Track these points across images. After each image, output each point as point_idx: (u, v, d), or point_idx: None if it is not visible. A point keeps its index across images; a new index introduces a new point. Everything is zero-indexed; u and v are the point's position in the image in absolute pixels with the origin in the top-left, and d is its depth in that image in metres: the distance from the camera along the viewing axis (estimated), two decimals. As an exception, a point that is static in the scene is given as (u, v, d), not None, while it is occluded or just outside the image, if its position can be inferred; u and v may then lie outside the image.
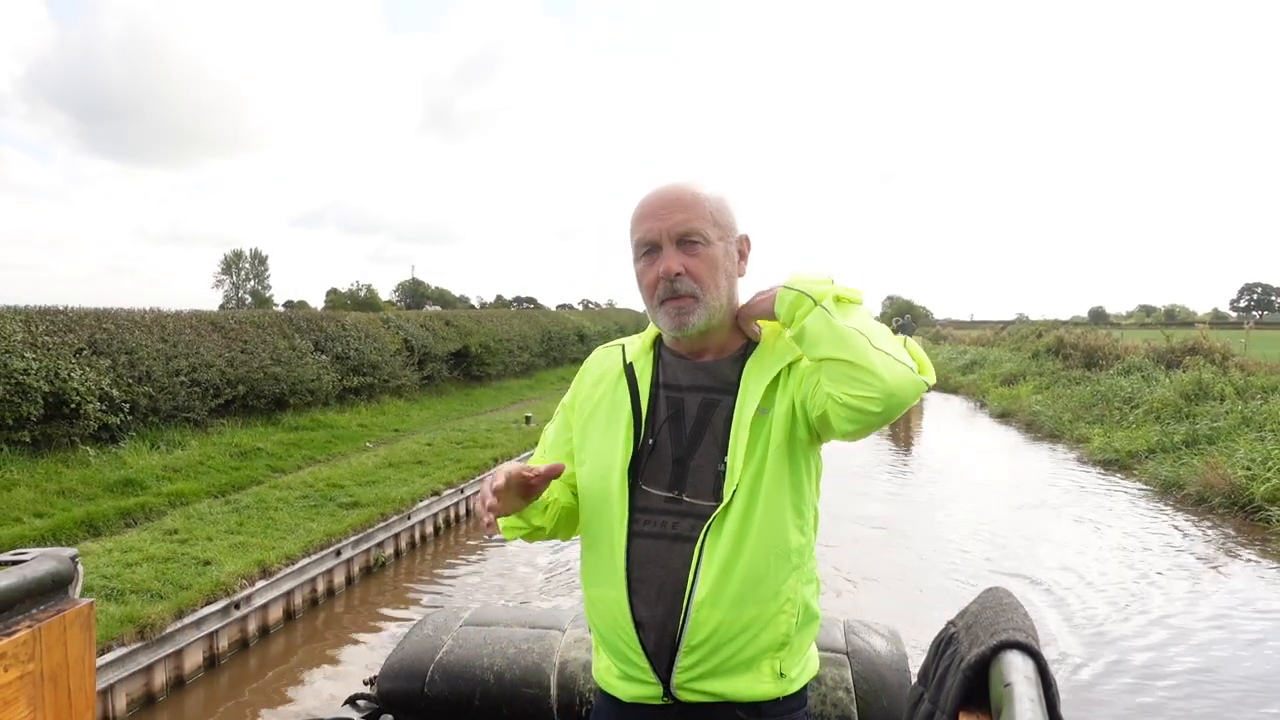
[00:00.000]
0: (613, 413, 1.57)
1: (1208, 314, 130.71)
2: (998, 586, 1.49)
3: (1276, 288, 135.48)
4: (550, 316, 30.35)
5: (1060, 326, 31.97)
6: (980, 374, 27.07)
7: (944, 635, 1.47)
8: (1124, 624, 6.60)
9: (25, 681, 1.47)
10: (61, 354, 9.61)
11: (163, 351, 11.17)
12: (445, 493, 9.44)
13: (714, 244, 1.50)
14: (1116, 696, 5.39)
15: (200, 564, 6.23)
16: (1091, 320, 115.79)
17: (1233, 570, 8.04)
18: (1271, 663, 5.89)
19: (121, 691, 4.87)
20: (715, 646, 1.44)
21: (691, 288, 1.48)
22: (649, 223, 1.51)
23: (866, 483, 12.18)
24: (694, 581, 1.44)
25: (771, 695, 1.47)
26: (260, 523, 7.52)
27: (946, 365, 31.30)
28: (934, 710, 1.34)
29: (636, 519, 1.50)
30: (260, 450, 10.98)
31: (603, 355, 1.68)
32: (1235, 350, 18.64)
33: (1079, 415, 17.01)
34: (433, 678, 2.06)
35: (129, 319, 11.33)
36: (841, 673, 1.97)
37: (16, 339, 9.29)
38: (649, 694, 1.48)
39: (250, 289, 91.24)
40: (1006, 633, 1.22)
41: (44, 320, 10.04)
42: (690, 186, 1.52)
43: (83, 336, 10.24)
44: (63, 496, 8.15)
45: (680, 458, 1.51)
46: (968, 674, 1.23)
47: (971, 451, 16.01)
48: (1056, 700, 1.12)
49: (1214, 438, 12.52)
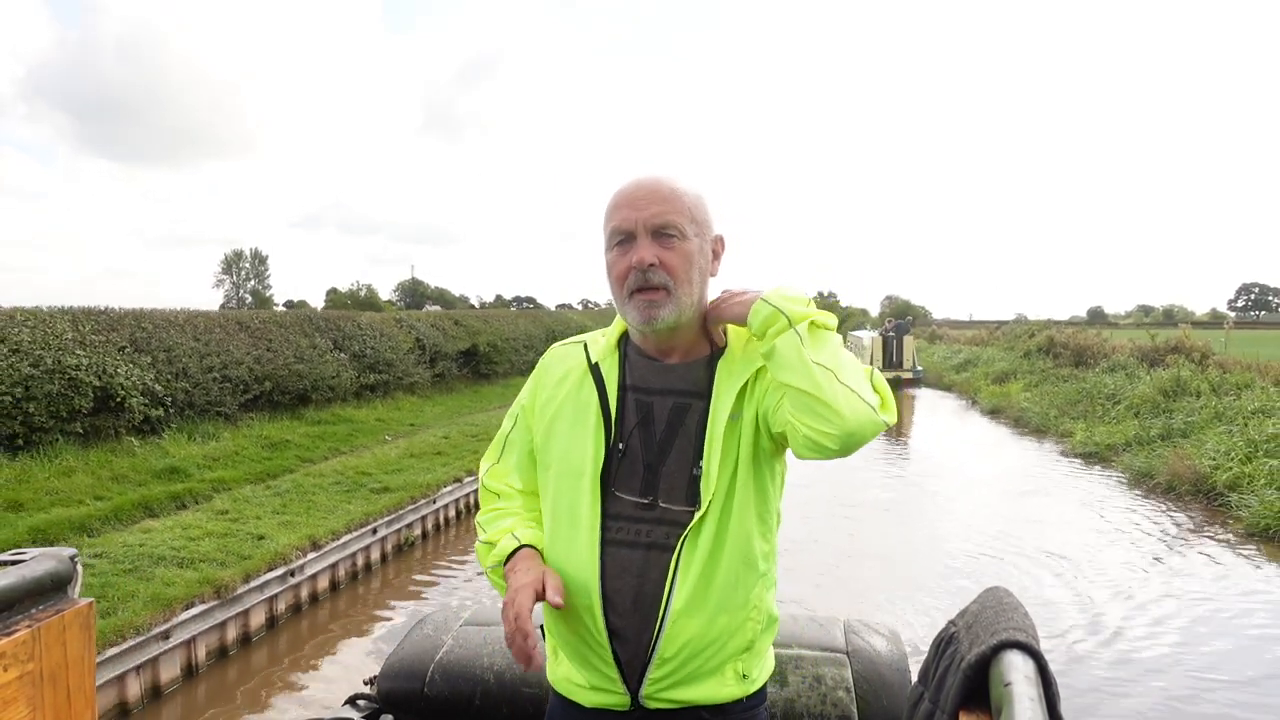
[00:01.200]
0: (579, 414, 1.52)
1: (1206, 314, 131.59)
2: (998, 586, 1.50)
3: (1274, 288, 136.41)
4: (554, 316, 31.22)
5: (1053, 326, 32.65)
6: (973, 372, 27.77)
7: (944, 635, 1.47)
8: (1089, 593, 7.31)
9: (25, 682, 1.47)
10: (107, 351, 10.33)
11: (196, 349, 11.88)
12: (466, 480, 10.16)
13: (690, 239, 1.47)
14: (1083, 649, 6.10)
15: (255, 538, 6.94)
16: (1090, 320, 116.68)
17: (1192, 550, 8.74)
18: (1222, 626, 6.61)
19: (201, 644, 5.60)
20: (688, 657, 1.43)
21: (664, 280, 1.44)
22: (625, 211, 1.47)
23: (864, 472, 12.90)
24: (670, 592, 1.42)
25: (735, 697, 1.48)
26: (301, 505, 8.24)
27: (941, 364, 32.04)
28: (934, 710, 1.34)
29: (609, 526, 1.46)
30: (289, 442, 11.69)
31: (563, 354, 1.62)
32: (1216, 349, 19.36)
33: (1064, 411, 17.74)
34: (433, 678, 2.05)
35: (165, 319, 12.05)
36: (842, 672, 1.95)
37: (67, 337, 10.01)
38: (614, 702, 1.47)
39: (250, 289, 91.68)
40: (1006, 632, 1.22)
41: (89, 320, 10.75)
42: (669, 180, 1.49)
43: (125, 335, 10.96)
44: (116, 482, 8.86)
45: (651, 463, 1.48)
46: (968, 673, 1.23)
47: (960, 443, 16.74)
48: (1056, 700, 1.12)
49: (1188, 431, 13.24)
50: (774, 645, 1.79)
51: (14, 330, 9.54)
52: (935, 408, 23.65)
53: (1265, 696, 5.40)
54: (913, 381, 28.78)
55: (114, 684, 4.90)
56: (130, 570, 6.01)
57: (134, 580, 5.80)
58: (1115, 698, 5.38)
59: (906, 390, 27.23)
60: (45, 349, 9.53)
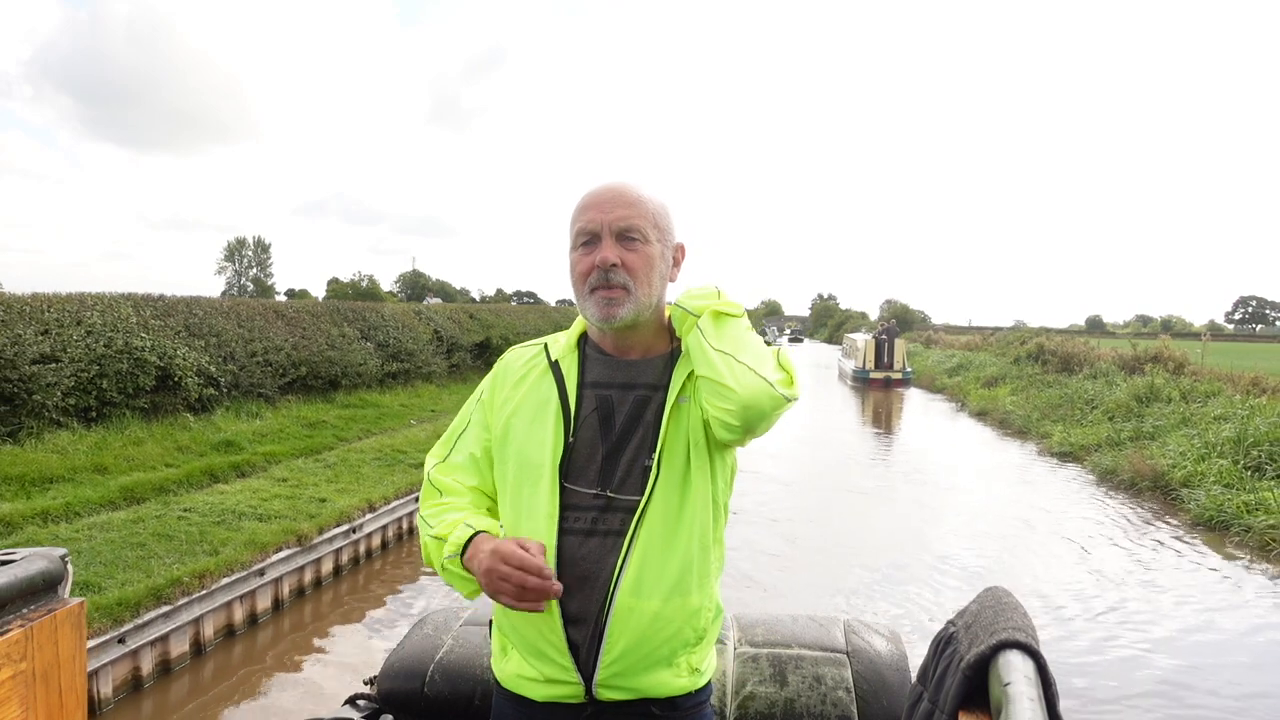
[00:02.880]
0: (539, 410, 1.55)
1: (1204, 326, 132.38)
2: (997, 586, 1.50)
3: (1271, 301, 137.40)
4: (560, 312, 32.37)
5: (1044, 333, 33.69)
6: (965, 376, 28.77)
7: (943, 635, 1.47)
8: (1051, 572, 8.34)
9: (17, 681, 1.47)
10: (166, 335, 11.35)
11: (241, 335, 12.90)
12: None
13: (652, 244, 1.52)
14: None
15: (317, 501, 7.96)
16: (1089, 329, 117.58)
17: (1146, 536, 9.77)
18: (1155, 596, 7.63)
19: (286, 583, 6.62)
20: (638, 640, 1.45)
21: (625, 280, 1.49)
22: (591, 213, 1.52)
23: (852, 465, 13.93)
24: (619, 574, 1.45)
25: (685, 690, 1.51)
26: (351, 476, 9.26)
27: (935, 368, 33.06)
28: (933, 709, 1.34)
29: (566, 517, 1.49)
30: (325, 422, 12.70)
31: (522, 354, 1.66)
32: (1193, 359, 20.38)
33: (1046, 414, 18.75)
34: (433, 678, 2.05)
35: (213, 306, 13.07)
36: (841, 672, 1.96)
37: (131, 321, 11.02)
38: (568, 694, 1.48)
39: (253, 276, 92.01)
40: (1006, 632, 1.23)
41: (148, 306, 11.76)
42: (635, 187, 1.54)
43: (180, 321, 11.97)
44: (180, 452, 9.87)
45: (610, 454, 1.52)
46: (967, 673, 1.23)
47: (943, 443, 17.77)
48: (1056, 700, 1.13)
49: (1156, 434, 14.26)
50: (774, 645, 1.86)
51: (86, 314, 10.56)
52: (926, 409, 24.68)
53: (1178, 641, 6.42)
54: (902, 381, 30.47)
55: (222, 610, 5.93)
56: (218, 522, 7.03)
57: (224, 530, 6.83)
58: (1058, 639, 6.39)
59: (896, 389, 28.71)
60: (115, 331, 10.54)
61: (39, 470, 8.12)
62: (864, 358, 31.41)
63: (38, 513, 7.02)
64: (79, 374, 9.73)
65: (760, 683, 1.92)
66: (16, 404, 9.00)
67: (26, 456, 8.40)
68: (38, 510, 7.06)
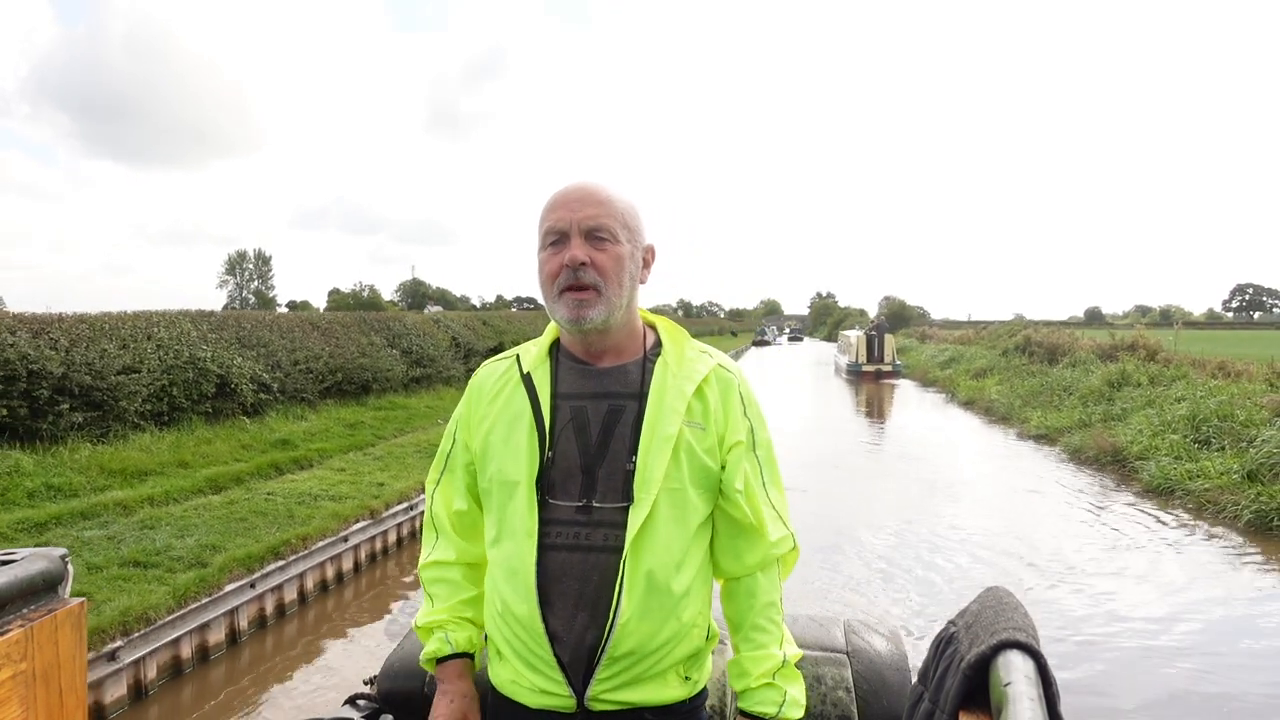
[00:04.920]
0: (513, 425, 1.53)
1: (1203, 314, 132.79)
2: (997, 586, 1.51)
3: (1268, 289, 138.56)
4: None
5: (1032, 326, 35.01)
6: (955, 369, 30.09)
7: (944, 634, 1.47)
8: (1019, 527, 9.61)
9: (17, 681, 1.48)
10: (222, 346, 12.63)
11: (285, 345, 14.18)
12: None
13: (622, 244, 1.51)
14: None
15: (376, 485, 9.24)
16: (1087, 320, 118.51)
17: (1110, 500, 11.03)
18: (1094, 542, 8.89)
19: (364, 549, 7.90)
20: (636, 659, 1.45)
21: (595, 280, 1.47)
22: (560, 213, 1.49)
23: (850, 450, 15.20)
24: (619, 595, 1.43)
25: (679, 698, 1.51)
26: (398, 466, 10.54)
27: (928, 362, 34.50)
28: (934, 710, 1.35)
29: (547, 532, 1.47)
30: (362, 423, 13.98)
31: (495, 369, 1.63)
32: (1167, 347, 21.65)
33: (1027, 401, 20.02)
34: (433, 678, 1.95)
35: (258, 319, 14.37)
36: (842, 672, 1.96)
37: (193, 335, 12.31)
38: (560, 705, 1.47)
39: (254, 289, 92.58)
40: (1006, 632, 1.23)
41: (204, 321, 13.05)
42: (604, 187, 1.53)
43: (232, 333, 13.25)
44: (245, 450, 11.14)
45: (588, 466, 1.49)
46: (968, 673, 1.24)
47: (930, 429, 19.05)
48: (1056, 700, 1.13)
49: (1123, 416, 15.54)
50: None
51: (155, 329, 11.84)
52: (918, 400, 25.96)
53: (1109, 565, 7.67)
54: (891, 374, 32.90)
55: (316, 569, 7.19)
56: (299, 503, 8.30)
57: (306, 508, 8.10)
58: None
59: (886, 381, 30.97)
60: (180, 344, 11.83)
61: (134, 465, 9.40)
62: (856, 352, 33.57)
63: (145, 498, 8.30)
64: (154, 383, 11.01)
65: None
66: (105, 409, 10.27)
67: (120, 454, 9.68)
68: (144, 497, 8.34)
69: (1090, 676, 5.75)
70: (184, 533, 7.05)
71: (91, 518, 7.57)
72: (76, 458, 9.23)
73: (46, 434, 9.43)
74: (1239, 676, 5.80)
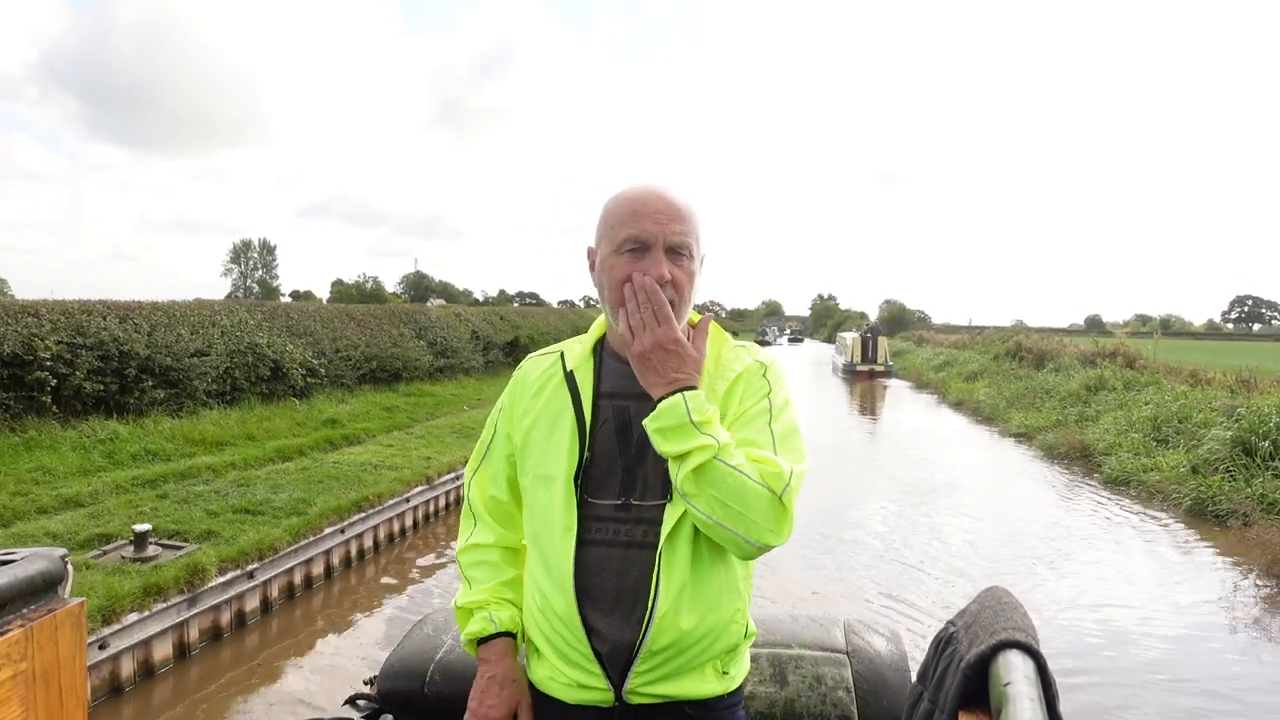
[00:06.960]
0: (555, 422, 1.55)
1: (1203, 325, 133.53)
2: (997, 586, 1.51)
3: (1268, 300, 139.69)
4: (579, 313, 35.17)
5: (1025, 332, 36.35)
6: (948, 372, 31.38)
7: (943, 634, 1.47)
8: (996, 511, 10.91)
9: (17, 681, 1.48)
10: (276, 333, 13.94)
11: (328, 334, 15.49)
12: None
13: (695, 260, 1.52)
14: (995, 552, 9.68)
15: (424, 458, 10.54)
16: (1088, 328, 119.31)
17: (1074, 490, 12.33)
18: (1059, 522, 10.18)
19: (421, 510, 9.21)
20: (674, 653, 1.46)
21: (674, 297, 1.47)
22: (645, 223, 1.47)
23: (847, 445, 16.51)
24: (656, 590, 1.44)
25: (717, 693, 1.52)
26: (439, 444, 11.84)
27: (923, 365, 35.88)
28: (933, 710, 1.35)
29: (586, 528, 1.49)
30: (397, 407, 15.30)
31: (540, 363, 1.65)
32: (1146, 354, 22.92)
33: (1011, 403, 21.30)
34: (433, 678, 2.03)
35: (303, 310, 15.68)
36: (842, 672, 1.95)
37: (250, 323, 13.61)
38: (599, 699, 1.49)
39: (258, 279, 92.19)
40: (1006, 632, 1.24)
41: (258, 310, 14.36)
42: (684, 199, 1.52)
43: (282, 323, 14.55)
44: (300, 427, 12.45)
45: (630, 465, 1.51)
46: (967, 673, 1.25)
47: (919, 428, 20.36)
48: (1056, 700, 1.14)
49: (1096, 417, 16.83)
50: (774, 645, 1.95)
51: (217, 317, 13.15)
52: (911, 401, 27.26)
53: (1058, 543, 8.96)
54: (884, 373, 35.02)
55: (385, 525, 8.49)
56: (363, 470, 9.61)
57: (370, 474, 9.41)
58: (963, 555, 8.93)
59: (879, 380, 33.18)
60: (241, 331, 13.14)
61: (210, 436, 10.72)
62: (852, 353, 35.58)
63: (228, 464, 9.61)
64: (220, 365, 12.33)
65: (760, 682, 1.90)
66: (180, 388, 11.59)
67: (197, 427, 10.99)
68: (227, 462, 9.65)
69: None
70: (276, 490, 8.36)
71: (191, 477, 8.89)
72: (160, 428, 10.56)
73: (133, 407, 10.77)
74: (1156, 620, 7.12)
